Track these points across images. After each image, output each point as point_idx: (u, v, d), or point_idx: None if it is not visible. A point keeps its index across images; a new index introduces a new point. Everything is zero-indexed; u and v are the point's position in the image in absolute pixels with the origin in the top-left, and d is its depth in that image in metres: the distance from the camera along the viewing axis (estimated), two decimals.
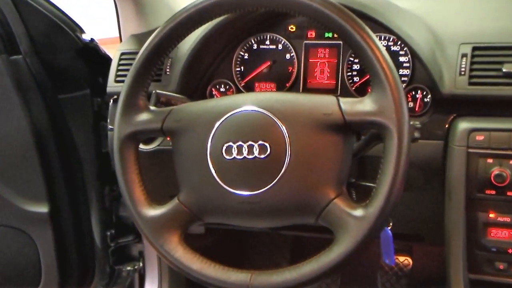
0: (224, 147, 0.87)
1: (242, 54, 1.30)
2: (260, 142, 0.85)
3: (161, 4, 1.38)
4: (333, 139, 0.84)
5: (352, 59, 1.22)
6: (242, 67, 1.30)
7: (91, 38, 1.49)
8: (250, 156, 0.85)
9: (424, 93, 1.15)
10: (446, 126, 1.10)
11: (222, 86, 1.31)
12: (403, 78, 1.18)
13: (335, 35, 1.24)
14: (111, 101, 1.30)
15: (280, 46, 1.27)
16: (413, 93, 1.16)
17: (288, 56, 1.26)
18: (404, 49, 1.17)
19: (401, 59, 1.18)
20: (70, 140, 1.47)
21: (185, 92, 1.22)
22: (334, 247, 0.82)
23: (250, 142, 0.85)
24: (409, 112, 0.82)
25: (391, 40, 1.18)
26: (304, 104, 0.86)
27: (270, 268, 0.86)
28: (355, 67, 1.22)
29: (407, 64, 1.17)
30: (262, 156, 0.84)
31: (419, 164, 1.10)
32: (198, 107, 0.93)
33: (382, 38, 1.19)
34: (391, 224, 1.04)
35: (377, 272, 1.77)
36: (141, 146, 1.25)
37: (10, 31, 1.36)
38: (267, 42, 1.28)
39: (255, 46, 1.28)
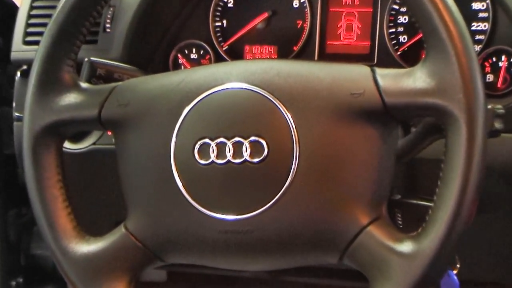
0: (197, 146, 0.87)
1: (225, 0, 1.31)
2: (252, 138, 0.85)
3: None
4: (365, 133, 0.85)
5: (396, 7, 1.23)
6: (224, 21, 1.31)
7: None
8: (238, 160, 0.85)
9: (511, 60, 1.17)
10: None
11: (194, 51, 1.32)
12: (477, 37, 1.19)
13: None
14: (18, 73, 1.30)
15: None
16: (493, 60, 1.18)
17: (296, 3, 1.27)
18: None
19: (475, 6, 1.19)
20: None
21: (135, 61, 1.23)
22: None
23: (237, 139, 0.86)
24: (487, 90, 0.83)
25: None
26: (320, 78, 0.87)
27: None
28: (401, 20, 1.23)
29: (484, 14, 1.19)
30: (256, 159, 0.85)
31: (501, 171, 1.11)
32: (156, 83, 0.94)
33: None
34: (458, 265, 1.05)
35: None
36: (67, 145, 1.25)
37: None
38: None
39: None
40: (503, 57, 1.16)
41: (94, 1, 0.95)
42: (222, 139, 0.86)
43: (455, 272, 1.04)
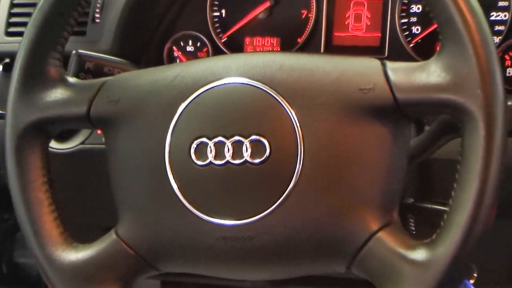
0: (194, 146, 0.87)
1: None
2: (253, 137, 0.85)
3: None
4: (375, 132, 0.85)
5: None
6: (223, 11, 1.31)
7: None
8: (237, 161, 0.85)
9: None
10: None
11: (190, 42, 1.32)
12: (496, 27, 1.19)
13: None
14: (0, 67, 1.30)
15: None
16: None
17: None
18: None
19: None
20: None
21: (127, 53, 1.23)
22: None
23: (236, 138, 0.86)
24: (506, 85, 0.83)
25: None
26: (327, 73, 0.87)
27: None
28: (414, 9, 1.23)
29: (504, 3, 1.18)
30: (257, 160, 0.85)
31: None
32: (149, 78, 0.94)
33: None
34: (475, 274, 1.05)
35: None
36: (53, 144, 1.25)
37: None
38: None
39: None
40: None
41: None
42: (220, 138, 0.86)
43: (472, 281, 1.04)
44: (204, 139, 0.87)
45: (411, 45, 1.22)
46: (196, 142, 0.87)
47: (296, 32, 1.27)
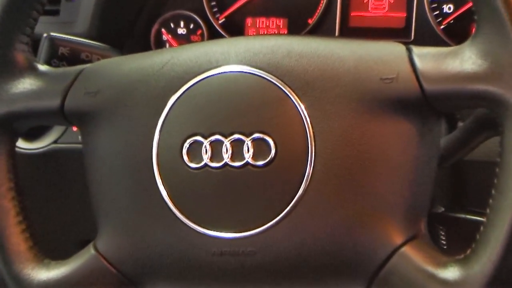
0: (186, 146, 0.87)
1: None
2: (256, 135, 0.86)
3: None
4: (399, 129, 0.85)
5: None
6: None
7: None
8: (237, 163, 0.86)
9: None
10: None
11: (182, 24, 1.32)
12: None
13: None
14: None
15: None
16: None
17: None
18: None
19: None
20: None
21: (107, 37, 1.23)
22: None
23: (236, 136, 0.86)
24: None
25: None
26: (342, 60, 0.87)
27: None
28: None
29: None
30: (260, 162, 0.85)
31: None
32: (134, 66, 0.94)
33: None
34: None
35: None
36: (21, 143, 1.26)
37: None
38: None
39: None
40: None
41: None
42: (217, 137, 0.86)
43: None
44: (199, 138, 0.87)
45: (442, 26, 1.23)
46: (189, 141, 0.87)
47: (306, 12, 1.27)
